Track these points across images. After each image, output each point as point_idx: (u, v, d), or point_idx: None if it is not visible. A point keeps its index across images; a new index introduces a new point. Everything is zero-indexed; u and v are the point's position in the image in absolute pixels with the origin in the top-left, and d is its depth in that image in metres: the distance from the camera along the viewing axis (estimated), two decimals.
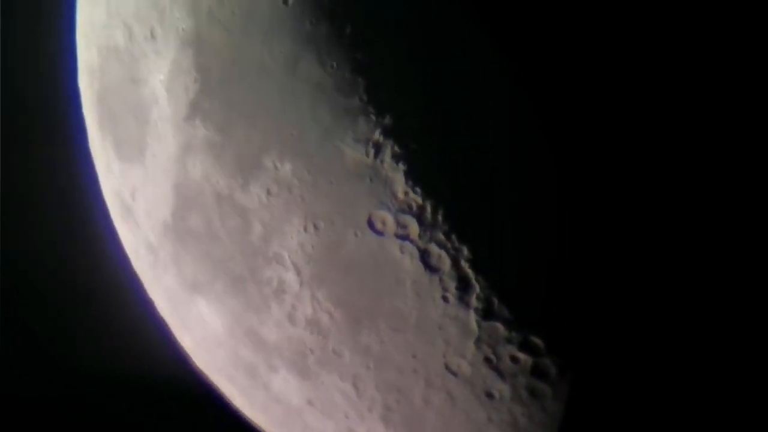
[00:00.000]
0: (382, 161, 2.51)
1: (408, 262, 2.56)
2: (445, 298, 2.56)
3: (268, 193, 2.69)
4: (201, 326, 3.17)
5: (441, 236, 2.51)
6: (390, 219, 2.54)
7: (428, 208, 2.50)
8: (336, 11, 2.50)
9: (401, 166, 2.51)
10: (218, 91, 2.70)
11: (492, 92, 2.41)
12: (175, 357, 3.52)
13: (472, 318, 2.55)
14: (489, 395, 2.63)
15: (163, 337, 3.49)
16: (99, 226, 3.57)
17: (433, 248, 2.53)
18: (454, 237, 2.50)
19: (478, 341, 2.57)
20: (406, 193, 2.51)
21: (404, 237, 2.54)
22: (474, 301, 2.53)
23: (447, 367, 2.63)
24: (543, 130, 2.40)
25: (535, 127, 2.40)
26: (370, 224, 2.57)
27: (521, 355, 2.55)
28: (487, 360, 2.58)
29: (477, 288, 2.52)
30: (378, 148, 2.51)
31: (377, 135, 2.51)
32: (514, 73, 2.40)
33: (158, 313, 3.44)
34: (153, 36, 2.82)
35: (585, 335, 2.49)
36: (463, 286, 2.53)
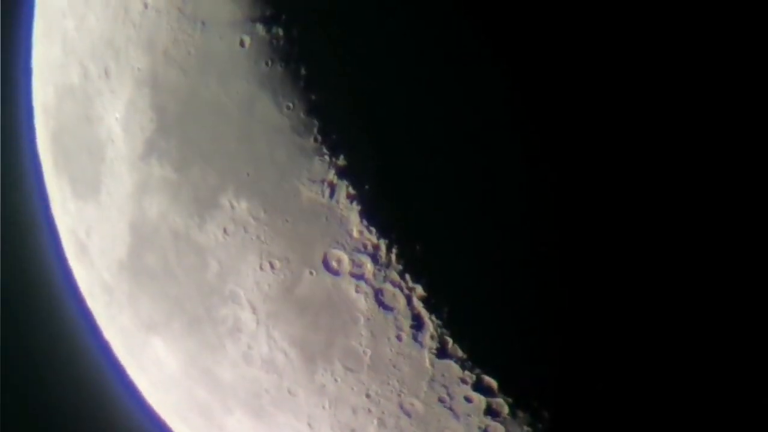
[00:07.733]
0: (337, 201, 2.52)
1: (363, 301, 2.56)
2: (399, 337, 2.56)
3: (225, 231, 2.68)
4: (157, 366, 3.13)
5: (395, 275, 2.52)
6: (345, 258, 2.55)
7: (383, 248, 2.51)
8: (291, 53, 2.53)
9: (355, 206, 2.52)
10: (175, 130, 2.70)
11: (442, 133, 2.43)
12: (129, 398, 3.47)
13: (426, 357, 2.55)
14: None
15: (117, 376, 3.44)
16: (53, 265, 3.53)
17: (388, 287, 2.53)
18: (408, 276, 2.51)
19: (431, 381, 2.56)
20: (360, 233, 2.52)
21: (359, 276, 2.55)
22: (428, 340, 2.54)
23: (401, 407, 2.62)
24: (495, 170, 2.43)
25: (485, 168, 2.43)
26: (326, 263, 2.57)
27: (474, 395, 2.55)
28: (441, 400, 2.58)
29: (431, 327, 2.52)
30: (333, 189, 2.52)
31: (332, 175, 2.52)
32: (465, 112, 2.43)
33: (113, 353, 3.40)
34: (108, 74, 2.81)
35: (538, 375, 2.50)
36: (417, 324, 2.53)
